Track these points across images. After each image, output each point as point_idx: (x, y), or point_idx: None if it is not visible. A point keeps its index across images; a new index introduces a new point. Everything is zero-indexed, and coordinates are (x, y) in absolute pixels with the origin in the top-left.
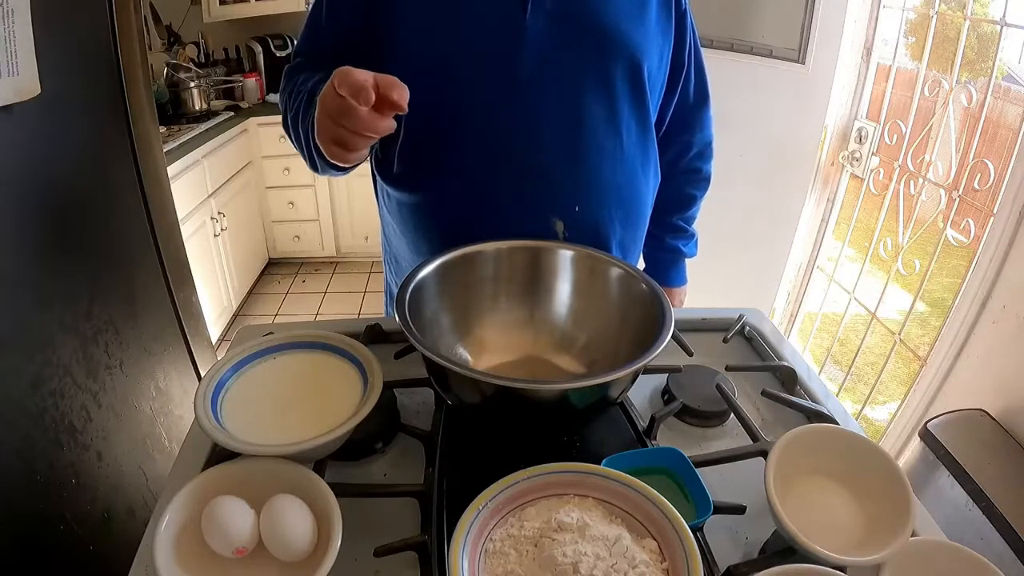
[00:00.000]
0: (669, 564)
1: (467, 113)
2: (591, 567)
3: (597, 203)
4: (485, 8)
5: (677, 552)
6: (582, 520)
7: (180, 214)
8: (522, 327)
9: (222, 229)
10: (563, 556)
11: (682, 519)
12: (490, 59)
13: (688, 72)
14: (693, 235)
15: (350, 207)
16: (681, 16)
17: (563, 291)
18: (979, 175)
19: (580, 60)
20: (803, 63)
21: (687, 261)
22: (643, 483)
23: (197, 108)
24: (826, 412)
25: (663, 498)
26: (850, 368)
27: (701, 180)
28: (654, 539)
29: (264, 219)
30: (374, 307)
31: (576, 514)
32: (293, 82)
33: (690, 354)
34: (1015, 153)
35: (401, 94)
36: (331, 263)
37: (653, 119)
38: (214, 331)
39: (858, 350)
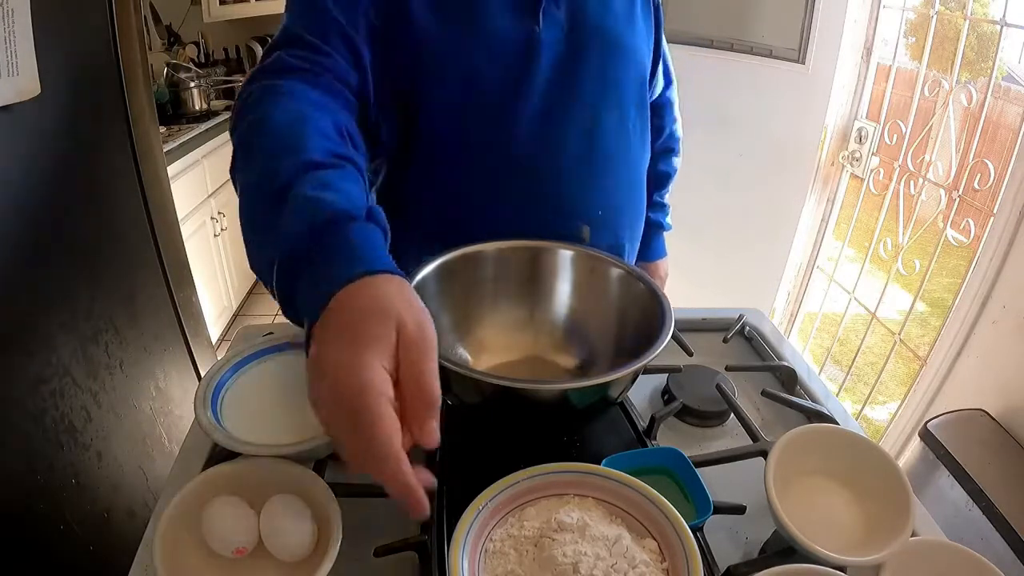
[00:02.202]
0: (669, 564)
1: (489, 126)
2: (591, 567)
3: (614, 205)
4: (503, 22)
5: (677, 552)
6: (582, 520)
7: (180, 214)
8: (522, 327)
9: (222, 229)
10: (563, 556)
11: (682, 519)
12: (511, 71)
13: (664, 60)
14: (668, 207)
15: None
16: (656, 8)
17: (563, 291)
18: (979, 175)
19: (590, 68)
20: (803, 63)
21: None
22: (643, 483)
23: (197, 108)
24: (826, 412)
25: (663, 498)
26: (850, 368)
27: (674, 157)
28: (654, 539)
29: None
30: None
31: (576, 514)
32: (273, 104)
33: (690, 354)
34: (1015, 153)
35: (432, 437)
36: None
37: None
38: (214, 331)
39: (858, 350)
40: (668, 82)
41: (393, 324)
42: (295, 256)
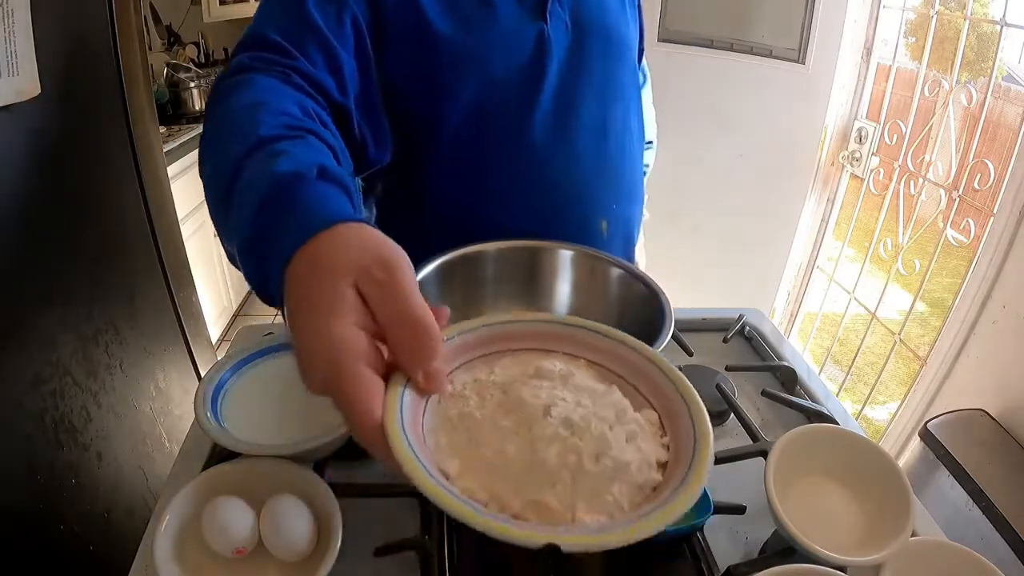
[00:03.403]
0: (671, 439)
1: (503, 128)
2: (568, 411)
3: (626, 197)
4: (514, 22)
5: (683, 428)
6: (568, 371)
7: (180, 214)
8: None
9: None
10: (535, 398)
11: (692, 388)
12: (524, 71)
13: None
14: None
15: None
16: (639, 7)
17: (563, 291)
18: (979, 175)
19: (595, 64)
20: (803, 63)
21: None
22: (646, 345)
23: (197, 108)
24: (826, 412)
25: (671, 365)
26: (850, 368)
27: (647, 150)
28: (655, 411)
29: None
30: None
31: (561, 365)
32: (233, 96)
33: (690, 354)
34: (1015, 153)
35: (436, 381)
36: None
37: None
38: (214, 331)
39: (858, 350)
40: (644, 79)
41: (349, 279)
42: (252, 238)
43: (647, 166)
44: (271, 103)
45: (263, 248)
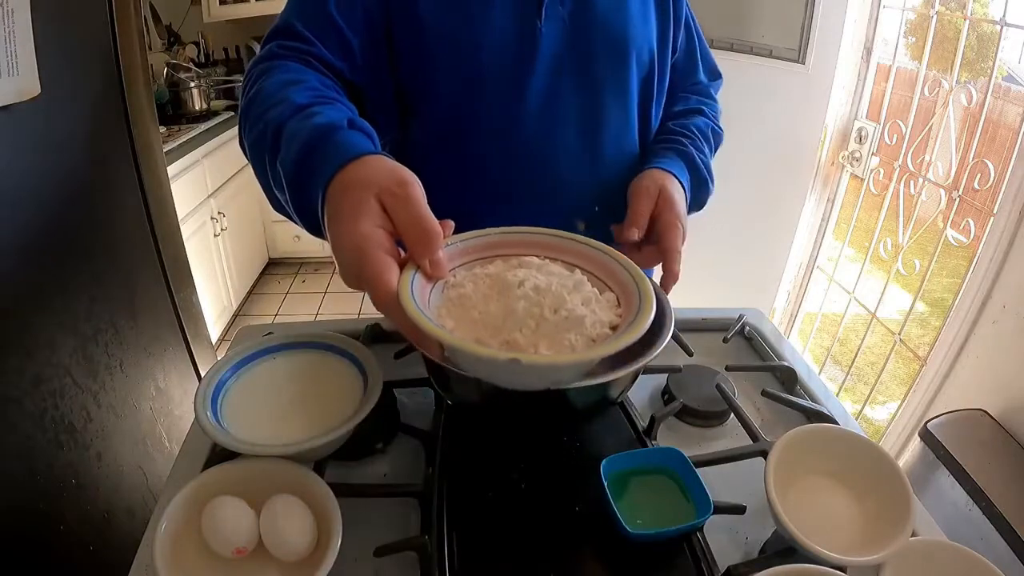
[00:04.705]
0: (624, 311)
1: (488, 118)
2: (537, 282)
3: (614, 201)
4: (504, 15)
5: (632, 297)
6: (543, 264)
7: (180, 214)
8: None
9: (222, 229)
10: (514, 277)
11: (641, 271)
12: (508, 65)
13: (707, 59)
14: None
15: None
16: (673, 12)
17: None
18: (979, 175)
19: (595, 64)
20: (803, 63)
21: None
22: (619, 252)
23: (197, 108)
24: (826, 412)
25: (628, 259)
26: (850, 368)
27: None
28: (615, 294)
29: (264, 219)
30: (374, 307)
31: (539, 262)
32: (266, 78)
33: (690, 354)
34: (1015, 153)
35: (438, 268)
36: (331, 263)
37: (659, 114)
38: (214, 331)
39: (858, 350)
40: (716, 77)
41: (372, 192)
42: (298, 172)
43: (712, 97)
44: (299, 81)
45: (307, 178)
